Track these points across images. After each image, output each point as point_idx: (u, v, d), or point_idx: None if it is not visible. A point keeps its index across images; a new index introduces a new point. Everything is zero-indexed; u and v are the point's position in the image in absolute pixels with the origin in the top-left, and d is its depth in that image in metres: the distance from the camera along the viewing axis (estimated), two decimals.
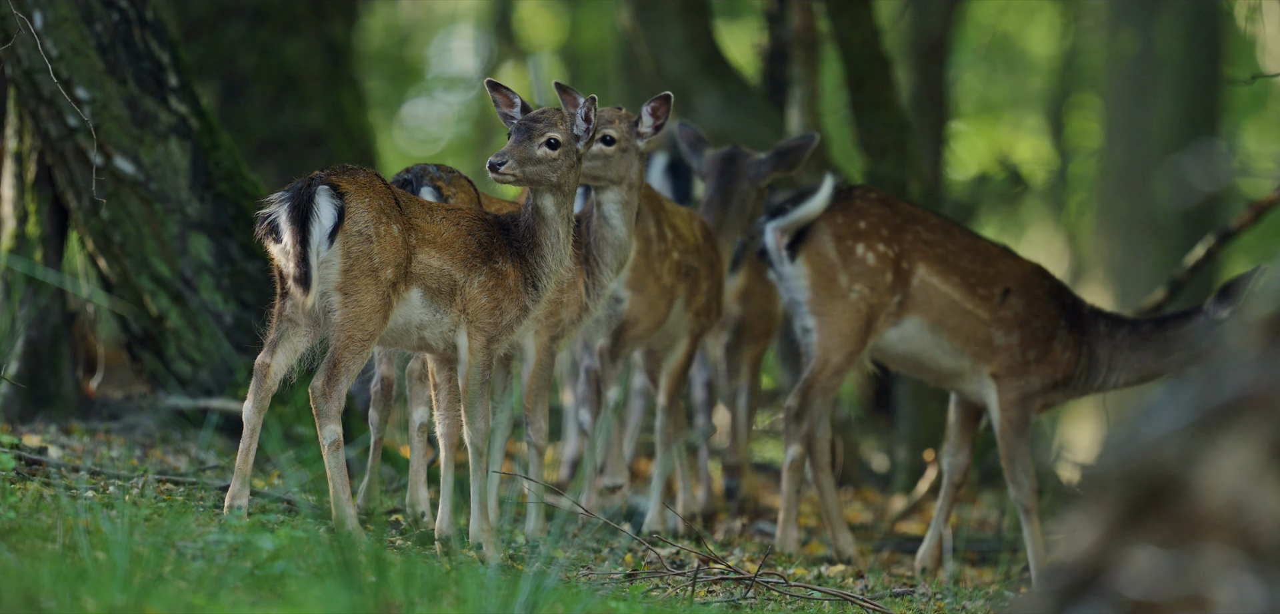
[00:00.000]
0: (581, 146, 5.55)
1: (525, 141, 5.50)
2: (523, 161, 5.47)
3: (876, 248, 6.73)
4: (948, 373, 6.78)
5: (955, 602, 6.18)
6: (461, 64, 20.26)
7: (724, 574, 5.76)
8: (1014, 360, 6.71)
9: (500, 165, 5.45)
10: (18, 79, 7.10)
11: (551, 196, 5.53)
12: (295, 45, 10.86)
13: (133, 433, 7.24)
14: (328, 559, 4.17)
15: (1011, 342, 6.72)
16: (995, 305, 6.73)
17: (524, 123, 5.54)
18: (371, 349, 5.42)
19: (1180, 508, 2.80)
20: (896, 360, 6.84)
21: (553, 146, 5.50)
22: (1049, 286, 6.78)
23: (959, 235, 6.80)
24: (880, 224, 6.75)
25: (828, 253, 6.76)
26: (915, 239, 6.76)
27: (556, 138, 5.51)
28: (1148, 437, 2.87)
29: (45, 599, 3.94)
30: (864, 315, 6.71)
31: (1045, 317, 6.74)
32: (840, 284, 6.74)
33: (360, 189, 5.35)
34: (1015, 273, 6.77)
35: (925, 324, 6.75)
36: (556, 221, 5.54)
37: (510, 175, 5.46)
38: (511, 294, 5.53)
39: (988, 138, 18.54)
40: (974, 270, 6.75)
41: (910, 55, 12.46)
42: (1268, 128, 18.14)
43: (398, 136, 19.83)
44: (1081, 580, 2.87)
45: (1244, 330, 2.90)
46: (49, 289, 7.27)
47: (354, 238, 5.33)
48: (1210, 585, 2.76)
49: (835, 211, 6.79)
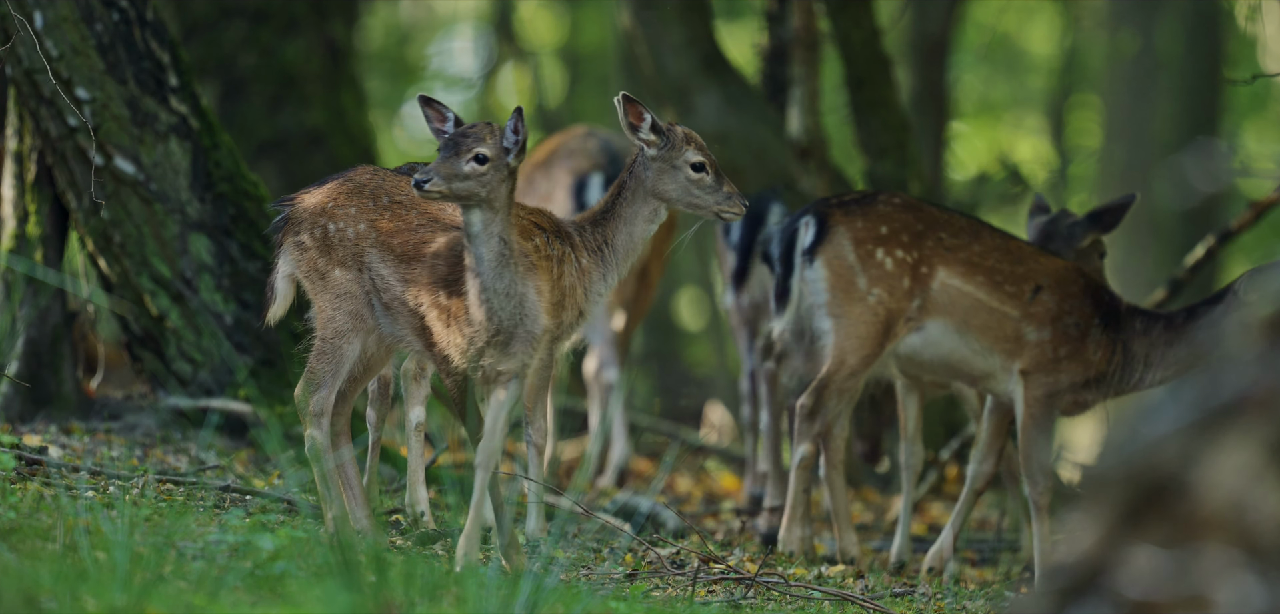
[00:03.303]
0: (511, 159, 5.37)
1: (452, 157, 5.32)
2: (449, 178, 5.29)
3: (895, 253, 6.72)
4: (980, 374, 6.76)
5: (955, 602, 6.18)
6: (461, 64, 20.26)
7: (724, 574, 5.76)
8: (1045, 357, 6.69)
9: (425, 183, 5.27)
10: (18, 79, 7.10)
11: (480, 213, 5.35)
12: (295, 45, 10.86)
13: (133, 433, 7.24)
14: (328, 559, 4.17)
15: (1043, 338, 6.70)
16: (1026, 302, 6.71)
17: (451, 138, 5.36)
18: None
19: (1180, 508, 2.80)
20: (928, 366, 6.81)
21: (481, 161, 5.31)
22: (1084, 284, 6.76)
23: (988, 236, 6.77)
24: (902, 229, 6.74)
25: (847, 256, 6.75)
26: (937, 243, 6.74)
27: (484, 153, 5.32)
28: (1148, 437, 2.87)
29: (45, 599, 3.94)
30: (882, 319, 6.70)
31: (1079, 314, 6.72)
32: (859, 287, 6.72)
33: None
34: (1048, 270, 6.75)
35: (950, 326, 6.73)
36: (482, 240, 5.36)
37: (436, 192, 5.28)
38: (456, 322, 5.45)
39: (988, 138, 18.54)
40: (1002, 269, 6.73)
41: (910, 55, 12.46)
42: (1268, 128, 18.14)
43: (398, 136, 19.83)
44: (1081, 580, 2.87)
45: (1244, 330, 2.90)
46: (49, 289, 7.27)
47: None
48: (1210, 585, 2.76)
49: (856, 215, 6.77)
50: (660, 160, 6.02)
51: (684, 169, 6.08)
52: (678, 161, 6.08)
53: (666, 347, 16.90)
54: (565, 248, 6.24)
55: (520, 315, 5.47)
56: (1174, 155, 14.80)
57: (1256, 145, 17.79)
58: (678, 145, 5.96)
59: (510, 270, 5.41)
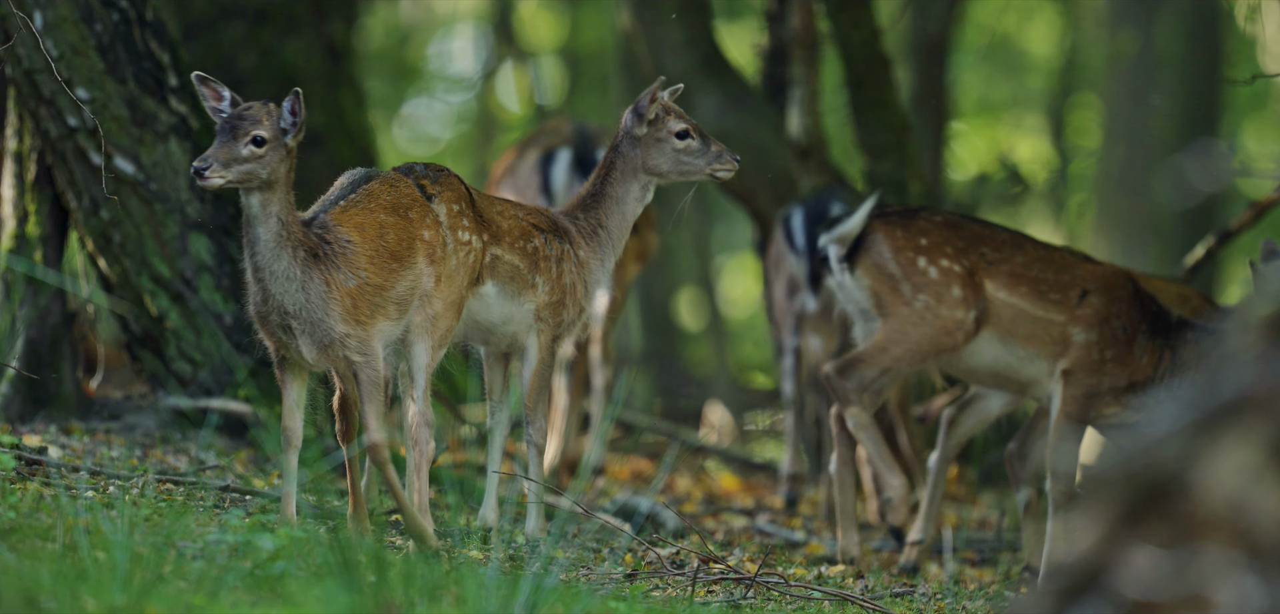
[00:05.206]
0: (289, 140, 5.32)
1: (230, 141, 5.26)
2: (229, 163, 5.24)
3: (939, 263, 6.72)
4: (1028, 381, 6.77)
5: (955, 602, 6.18)
6: (461, 64, 20.26)
7: (724, 574, 5.76)
8: (1090, 357, 6.70)
9: (205, 170, 5.22)
10: (18, 79, 7.10)
11: (258, 195, 5.29)
12: (295, 45, 10.86)
13: (133, 433, 7.24)
14: (328, 559, 4.17)
15: (1090, 338, 6.71)
16: (1073, 306, 6.72)
17: (227, 122, 5.30)
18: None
19: (1180, 508, 2.80)
20: (974, 374, 6.82)
21: (259, 144, 5.26)
22: (1132, 290, 6.77)
23: (1030, 247, 6.79)
24: (944, 242, 6.74)
25: (887, 265, 6.75)
26: (980, 258, 6.75)
27: (262, 135, 5.27)
28: (1148, 437, 2.87)
29: (45, 599, 3.94)
30: (931, 325, 6.70)
31: (1126, 318, 6.72)
32: (903, 292, 6.72)
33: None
34: (1095, 275, 6.76)
35: (995, 336, 6.74)
36: (260, 221, 5.29)
37: (217, 178, 5.23)
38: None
39: (988, 138, 18.54)
40: (1046, 278, 6.74)
41: (910, 55, 12.46)
42: (1268, 128, 18.14)
43: (398, 136, 19.83)
44: (1082, 580, 2.87)
45: (1244, 330, 2.90)
46: (49, 289, 7.27)
47: None
48: (1210, 585, 2.76)
49: (894, 225, 6.76)
50: (646, 137, 6.07)
51: (669, 140, 6.13)
52: (662, 134, 6.12)
53: (666, 347, 16.89)
54: (563, 245, 6.24)
55: (304, 299, 5.37)
56: (1174, 155, 14.80)
57: (1256, 145, 17.79)
58: (659, 119, 6.03)
59: (287, 251, 5.33)
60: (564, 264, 6.21)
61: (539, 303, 6.18)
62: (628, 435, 10.24)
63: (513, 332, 6.20)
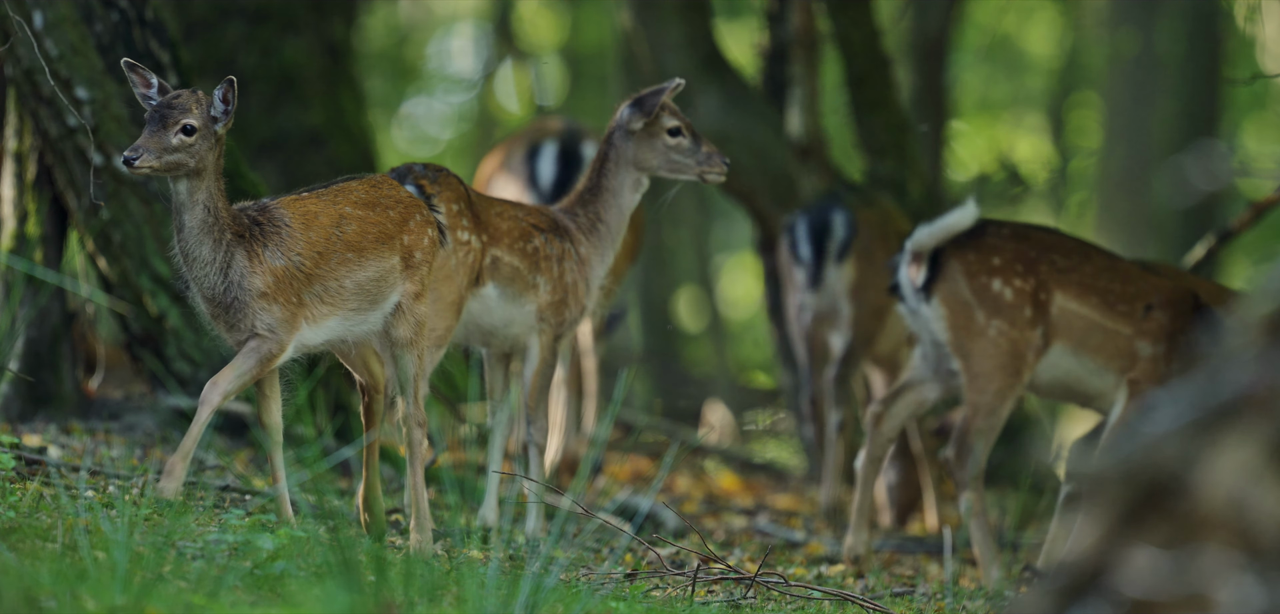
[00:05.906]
0: (219, 128, 5.31)
1: (160, 130, 5.25)
2: (160, 152, 5.24)
3: (1013, 283, 6.68)
4: (1095, 393, 6.75)
5: (955, 602, 6.18)
6: (461, 64, 20.25)
7: (724, 574, 5.76)
8: (1157, 370, 6.69)
9: (134, 159, 5.22)
10: (18, 79, 7.10)
11: (186, 182, 5.28)
12: (295, 45, 10.86)
13: (133, 433, 7.24)
14: (328, 559, 4.17)
15: (1157, 352, 6.70)
16: (1139, 319, 6.70)
17: (157, 110, 5.29)
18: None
19: (1180, 508, 2.80)
20: (1044, 388, 6.79)
21: (189, 132, 5.25)
22: (1196, 305, 6.76)
23: (1097, 257, 6.77)
24: (1014, 258, 6.69)
25: (961, 291, 6.69)
26: (1051, 268, 6.71)
27: (192, 123, 5.26)
28: (1148, 437, 2.87)
29: (45, 599, 3.94)
30: (1006, 352, 6.65)
31: (1192, 333, 6.72)
32: (978, 322, 6.67)
33: None
34: (1159, 288, 6.75)
35: (1067, 348, 6.71)
36: (188, 207, 5.28)
37: (147, 167, 5.22)
38: None
39: (988, 138, 18.54)
40: (1113, 289, 6.72)
41: (910, 55, 12.46)
42: (1268, 128, 18.14)
43: (398, 136, 19.83)
44: (1081, 580, 2.87)
45: (1244, 330, 2.90)
46: (49, 289, 7.27)
47: None
48: (1210, 585, 2.76)
49: (966, 247, 6.71)
50: (639, 132, 6.09)
51: (661, 135, 6.15)
52: (655, 129, 6.14)
53: (666, 347, 16.89)
54: (564, 244, 6.25)
55: (225, 283, 5.34)
56: (1174, 155, 14.81)
57: (1256, 145, 17.79)
58: (653, 114, 6.06)
59: (210, 237, 5.31)
60: (565, 263, 6.22)
61: (541, 303, 6.18)
62: (628, 435, 10.24)
63: (515, 334, 6.21)
